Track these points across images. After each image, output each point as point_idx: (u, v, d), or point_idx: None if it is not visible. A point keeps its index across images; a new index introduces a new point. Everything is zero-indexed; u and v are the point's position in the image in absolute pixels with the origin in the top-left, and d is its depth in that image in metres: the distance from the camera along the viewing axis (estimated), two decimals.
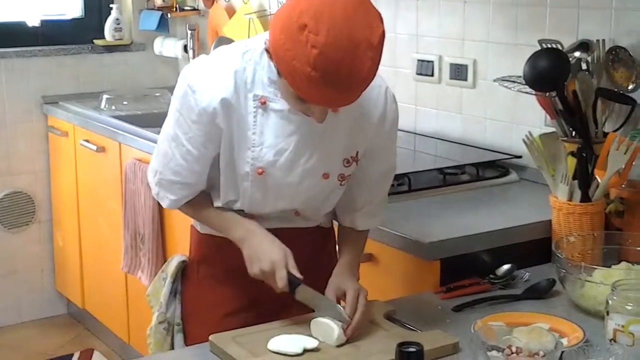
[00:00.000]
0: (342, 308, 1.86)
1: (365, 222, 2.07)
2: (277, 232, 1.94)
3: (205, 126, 1.87)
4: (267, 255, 1.88)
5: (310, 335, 1.83)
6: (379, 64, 1.71)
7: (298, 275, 1.88)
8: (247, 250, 1.92)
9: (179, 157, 1.92)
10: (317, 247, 2.08)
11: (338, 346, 1.81)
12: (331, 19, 1.64)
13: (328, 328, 1.82)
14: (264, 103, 1.87)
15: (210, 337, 1.84)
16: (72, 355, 4.08)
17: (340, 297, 1.90)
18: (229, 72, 1.86)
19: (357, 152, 1.95)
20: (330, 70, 1.64)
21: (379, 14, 1.71)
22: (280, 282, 1.86)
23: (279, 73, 1.75)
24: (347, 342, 1.82)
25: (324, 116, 1.81)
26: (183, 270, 2.14)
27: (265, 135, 1.88)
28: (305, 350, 1.78)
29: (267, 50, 1.77)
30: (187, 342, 2.09)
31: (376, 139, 1.97)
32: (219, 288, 2.07)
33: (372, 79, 1.72)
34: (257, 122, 1.88)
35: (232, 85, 1.85)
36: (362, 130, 1.93)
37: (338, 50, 1.64)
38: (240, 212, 1.98)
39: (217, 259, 2.07)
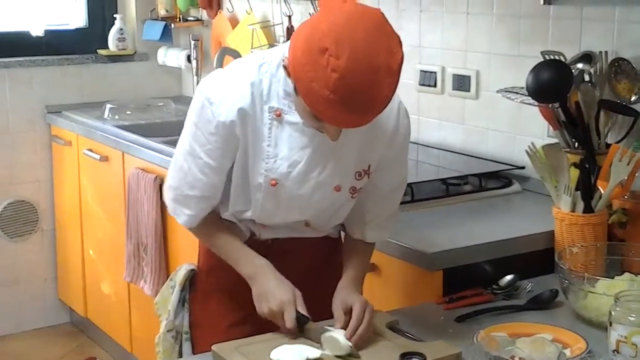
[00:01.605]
0: (349, 343, 1.82)
1: (375, 235, 2.07)
2: (285, 242, 1.95)
3: (223, 137, 1.88)
4: (275, 296, 1.89)
5: (313, 346, 1.83)
6: (396, 88, 1.72)
7: (306, 314, 1.88)
8: (256, 289, 1.94)
9: (197, 171, 1.93)
10: (325, 257, 2.09)
11: (341, 357, 1.80)
12: (352, 43, 1.65)
13: (335, 341, 1.82)
14: (279, 115, 1.88)
15: (213, 347, 1.83)
16: None
17: (347, 311, 1.90)
18: (245, 83, 1.87)
19: (369, 166, 1.96)
20: (349, 94, 1.65)
21: (399, 39, 1.72)
22: (289, 322, 1.87)
23: (296, 91, 1.76)
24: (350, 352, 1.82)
25: (338, 134, 1.82)
26: (191, 279, 2.14)
27: (280, 147, 1.89)
28: None
29: (285, 67, 1.77)
30: (195, 350, 2.10)
31: (388, 153, 1.98)
32: (227, 297, 2.08)
33: (389, 102, 1.73)
34: (272, 134, 1.89)
35: (249, 96, 1.87)
36: (375, 143, 1.94)
37: (358, 75, 1.64)
38: (251, 221, 1.98)
39: (226, 268, 2.06)
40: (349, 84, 1.65)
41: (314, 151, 1.90)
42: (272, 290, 1.90)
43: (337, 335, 1.82)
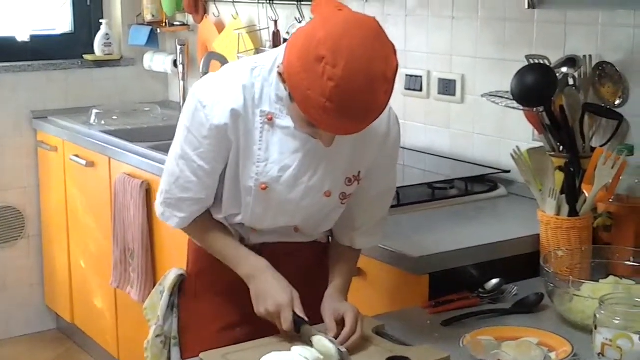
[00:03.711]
0: (344, 350, 1.82)
1: (364, 241, 2.08)
2: (275, 246, 1.96)
3: (216, 140, 1.88)
4: (273, 297, 1.89)
5: (306, 348, 1.82)
6: (391, 95, 1.74)
7: (303, 316, 1.89)
8: (254, 290, 1.94)
9: (190, 174, 1.93)
10: (314, 262, 2.09)
11: None
12: (349, 52, 1.65)
13: (326, 348, 1.81)
14: (270, 119, 1.89)
15: (201, 355, 1.83)
16: None
17: (338, 320, 1.90)
18: (237, 86, 1.88)
19: (359, 172, 1.97)
20: (345, 102, 1.66)
21: (393, 47, 1.74)
22: (285, 323, 1.87)
23: (291, 98, 1.76)
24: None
25: (332, 141, 1.83)
26: (180, 284, 2.14)
27: (271, 151, 1.90)
28: None
29: (280, 75, 1.77)
30: (184, 356, 2.10)
31: (378, 159, 1.99)
32: (216, 302, 2.08)
33: (384, 110, 1.75)
34: (263, 138, 1.89)
35: (242, 98, 1.87)
36: (365, 149, 1.95)
37: (355, 83, 1.65)
38: (241, 225, 1.99)
39: (215, 273, 2.07)
40: (346, 92, 1.66)
41: (305, 156, 1.90)
42: (270, 291, 1.90)
43: (328, 344, 1.81)
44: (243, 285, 1.95)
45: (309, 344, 1.85)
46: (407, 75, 3.26)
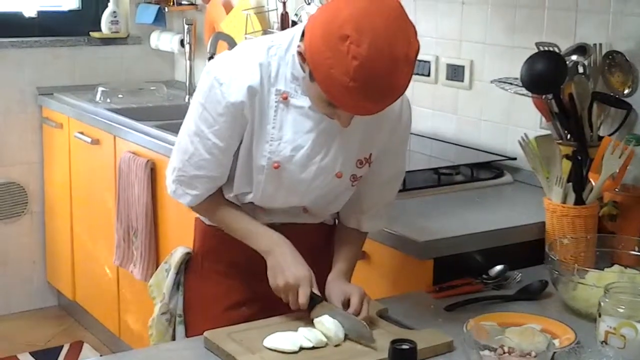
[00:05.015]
0: (365, 325, 1.83)
1: (370, 224, 2.08)
2: (282, 227, 1.96)
3: (232, 118, 1.88)
4: (292, 271, 1.89)
5: (307, 327, 1.83)
6: (411, 78, 1.74)
7: (318, 294, 1.89)
8: (273, 262, 1.93)
9: (204, 152, 1.92)
10: (320, 243, 2.09)
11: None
12: (373, 31, 1.66)
13: (329, 327, 1.82)
14: (285, 98, 1.88)
15: (205, 334, 1.83)
16: (61, 347, 4.08)
17: (345, 302, 1.91)
18: (254, 64, 1.88)
19: (371, 154, 1.97)
20: (368, 82, 1.67)
21: (415, 28, 1.74)
22: (303, 298, 1.87)
23: (311, 77, 1.76)
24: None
25: (350, 121, 1.83)
26: (187, 263, 2.14)
27: (284, 130, 1.90)
28: (302, 348, 1.77)
29: (300, 54, 1.78)
30: (188, 334, 2.10)
31: (389, 142, 1.99)
32: (222, 281, 2.08)
33: (405, 91, 1.76)
34: (277, 117, 1.89)
35: (258, 75, 1.87)
36: (377, 132, 1.95)
37: (378, 63, 1.66)
38: (249, 204, 1.99)
39: (221, 251, 2.07)
40: (369, 71, 1.67)
41: (318, 136, 1.90)
42: (290, 265, 1.90)
43: (330, 326, 1.82)
44: (249, 265, 1.95)
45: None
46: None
